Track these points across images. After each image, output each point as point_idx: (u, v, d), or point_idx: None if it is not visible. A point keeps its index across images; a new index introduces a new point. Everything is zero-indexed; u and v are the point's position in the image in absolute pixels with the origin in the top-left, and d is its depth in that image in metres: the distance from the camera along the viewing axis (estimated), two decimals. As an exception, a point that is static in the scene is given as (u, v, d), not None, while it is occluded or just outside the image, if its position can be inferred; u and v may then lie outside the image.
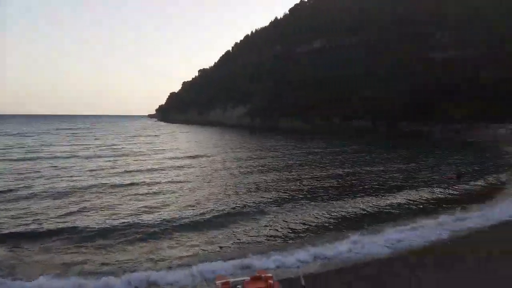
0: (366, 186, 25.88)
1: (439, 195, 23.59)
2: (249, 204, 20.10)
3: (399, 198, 22.45)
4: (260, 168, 33.98)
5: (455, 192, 24.54)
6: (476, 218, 17.45)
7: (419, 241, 14.51)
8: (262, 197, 22.01)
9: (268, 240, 15.04)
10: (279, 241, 14.94)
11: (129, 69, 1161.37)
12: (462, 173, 30.06)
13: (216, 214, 18.14)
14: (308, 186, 25.66)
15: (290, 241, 14.85)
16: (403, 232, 15.37)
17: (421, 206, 20.73)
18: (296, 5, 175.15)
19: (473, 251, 13.16)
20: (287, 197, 22.27)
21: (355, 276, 11.54)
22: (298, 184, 26.47)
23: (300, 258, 12.74)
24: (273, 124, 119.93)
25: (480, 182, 27.77)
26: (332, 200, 21.58)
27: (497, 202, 20.73)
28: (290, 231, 16.05)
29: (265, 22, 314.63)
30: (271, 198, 21.65)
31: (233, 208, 19.26)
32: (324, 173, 31.27)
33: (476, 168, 34.68)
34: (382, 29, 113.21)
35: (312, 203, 20.82)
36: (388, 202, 21.45)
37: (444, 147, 58.62)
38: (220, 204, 19.97)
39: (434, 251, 13.48)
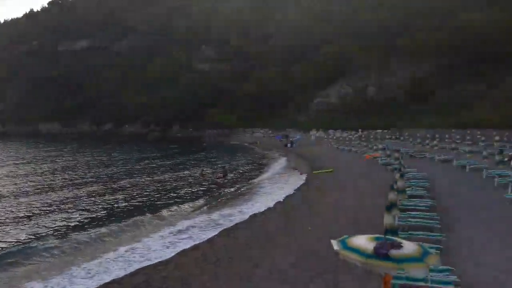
0: (136, 194, 24.97)
1: (208, 194, 25.13)
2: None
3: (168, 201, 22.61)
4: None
5: (224, 190, 26.63)
6: (238, 214, 19.27)
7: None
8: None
9: None
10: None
11: None
12: (227, 172, 33.11)
13: None
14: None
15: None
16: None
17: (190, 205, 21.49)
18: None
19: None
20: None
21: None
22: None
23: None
24: (30, 129, 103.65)
25: (240, 180, 31.29)
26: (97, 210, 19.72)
27: (251, 199, 23.66)
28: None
29: (18, 13, 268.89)
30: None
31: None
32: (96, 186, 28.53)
33: (239, 167, 39.39)
34: (154, 34, 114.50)
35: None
36: (162, 205, 21.24)
37: (214, 149, 64.36)
38: None
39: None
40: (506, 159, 21.96)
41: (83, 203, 22.19)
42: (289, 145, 60.70)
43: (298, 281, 9.91)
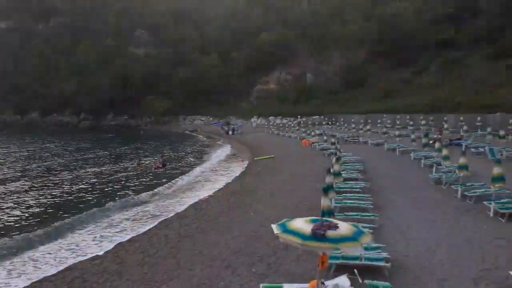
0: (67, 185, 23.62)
1: (147, 184, 24.43)
2: None
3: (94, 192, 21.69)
4: None
5: (163, 181, 26.01)
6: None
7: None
8: None
9: None
10: None
11: None
12: (166, 162, 32.29)
13: None
14: None
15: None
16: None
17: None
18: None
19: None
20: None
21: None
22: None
23: None
24: None
25: (180, 169, 30.77)
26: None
27: (192, 188, 23.34)
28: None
29: None
30: None
31: None
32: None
33: (179, 156, 38.72)
34: (82, 15, 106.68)
35: None
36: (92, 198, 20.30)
37: (152, 138, 62.40)
38: None
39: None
40: (431, 142, 23.81)
41: (10, 200, 20.46)
42: (230, 132, 60.90)
43: (241, 265, 10.01)
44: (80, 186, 23.59)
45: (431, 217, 12.61)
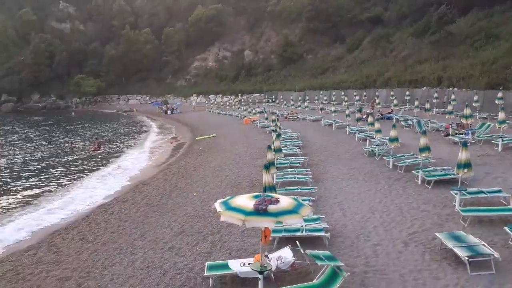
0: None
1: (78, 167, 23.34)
2: None
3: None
4: None
5: (97, 165, 24.97)
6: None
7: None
8: None
9: None
10: None
11: None
12: (101, 144, 31.06)
13: None
14: None
15: None
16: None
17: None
18: None
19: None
20: None
21: None
22: None
23: None
24: None
25: (116, 151, 29.77)
26: None
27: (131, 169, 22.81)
28: None
29: None
30: None
31: None
32: None
33: (114, 138, 37.48)
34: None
35: None
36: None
37: (84, 119, 59.39)
38: None
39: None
40: (364, 116, 25.12)
41: None
42: (169, 112, 59.49)
43: (185, 246, 10.06)
44: (10, 172, 21.95)
45: (365, 187, 13.48)
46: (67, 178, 20.88)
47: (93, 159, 26.38)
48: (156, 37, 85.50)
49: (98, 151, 28.72)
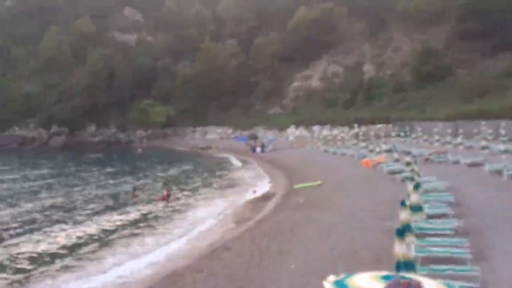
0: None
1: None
2: None
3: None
4: None
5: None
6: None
7: None
8: None
9: None
10: None
11: None
12: (170, 190, 32.84)
13: None
14: None
15: None
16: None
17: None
18: None
19: None
20: None
21: None
22: None
23: None
24: None
25: (192, 200, 31.27)
26: None
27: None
28: None
29: None
30: None
31: None
32: None
33: (189, 184, 39.73)
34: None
35: None
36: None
37: (151, 158, 64.25)
38: None
39: None
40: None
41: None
42: (258, 149, 61.01)
43: None
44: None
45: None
46: (125, 232, 22.21)
47: (160, 211, 27.88)
48: (243, 50, 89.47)
49: (166, 201, 30.31)
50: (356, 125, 65.23)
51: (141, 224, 24.79)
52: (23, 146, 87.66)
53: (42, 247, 20.60)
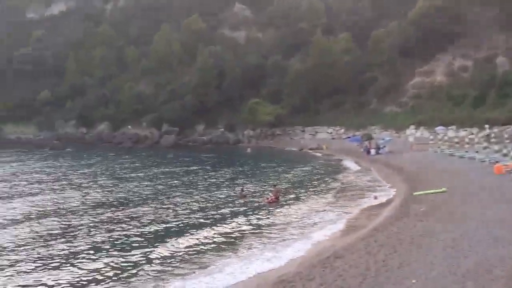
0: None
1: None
2: None
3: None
4: None
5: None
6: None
7: None
8: None
9: None
10: None
11: None
12: (279, 191, 33.23)
13: None
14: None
15: None
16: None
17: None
18: None
19: None
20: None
21: None
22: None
23: None
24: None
25: (301, 204, 31.26)
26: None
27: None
28: None
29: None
30: None
31: None
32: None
33: (298, 187, 39.92)
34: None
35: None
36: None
37: (260, 159, 65.68)
38: None
39: None
40: None
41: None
42: (373, 151, 60.07)
43: None
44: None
45: None
46: (233, 236, 22.71)
47: (268, 214, 28.14)
48: (358, 44, 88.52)
49: (275, 203, 30.59)
50: (487, 126, 62.13)
51: (248, 228, 25.08)
52: (136, 144, 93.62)
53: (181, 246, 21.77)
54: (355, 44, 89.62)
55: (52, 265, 18.97)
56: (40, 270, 18.44)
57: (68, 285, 16.93)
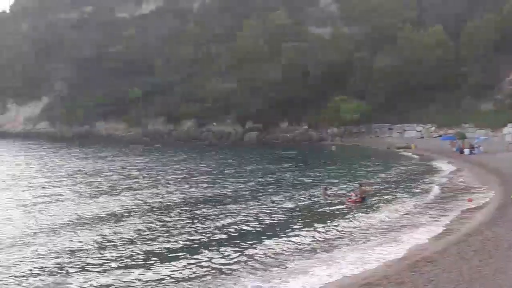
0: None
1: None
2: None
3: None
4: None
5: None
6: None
7: None
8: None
9: None
10: None
11: None
12: (365, 191, 32.72)
13: None
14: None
15: None
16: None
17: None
18: None
19: None
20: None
21: None
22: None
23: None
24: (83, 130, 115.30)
25: (387, 206, 30.83)
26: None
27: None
28: None
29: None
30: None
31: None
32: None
33: (384, 187, 39.31)
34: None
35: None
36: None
37: (343, 157, 65.25)
38: None
39: None
40: None
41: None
42: (466, 151, 58.19)
43: None
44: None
45: None
46: (314, 238, 22.74)
47: (352, 214, 27.91)
48: (451, 37, 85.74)
49: (360, 203, 30.40)
50: None
51: (331, 229, 24.84)
52: (221, 141, 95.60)
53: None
54: (447, 37, 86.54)
55: (149, 262, 19.65)
56: (143, 266, 19.12)
57: (170, 278, 17.53)
